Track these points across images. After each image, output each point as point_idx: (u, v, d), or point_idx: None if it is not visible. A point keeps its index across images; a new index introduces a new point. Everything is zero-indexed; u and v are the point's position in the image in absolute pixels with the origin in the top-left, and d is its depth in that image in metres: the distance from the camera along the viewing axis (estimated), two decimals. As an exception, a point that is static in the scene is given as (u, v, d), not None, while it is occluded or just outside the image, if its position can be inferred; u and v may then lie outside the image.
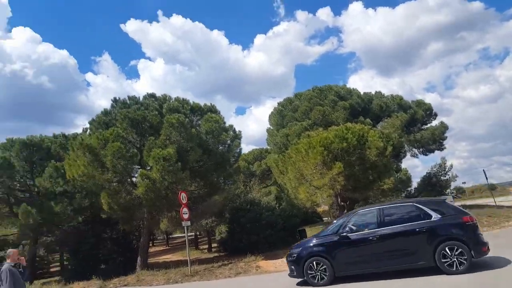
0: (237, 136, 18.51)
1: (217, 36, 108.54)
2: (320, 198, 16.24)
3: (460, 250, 7.63)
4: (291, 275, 9.33)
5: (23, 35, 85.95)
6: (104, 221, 18.89)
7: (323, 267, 8.66)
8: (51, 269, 26.44)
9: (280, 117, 27.14)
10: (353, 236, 8.51)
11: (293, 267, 9.22)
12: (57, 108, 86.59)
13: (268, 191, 26.56)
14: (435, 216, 8.00)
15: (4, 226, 21.06)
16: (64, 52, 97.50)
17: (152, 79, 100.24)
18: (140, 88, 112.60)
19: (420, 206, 8.24)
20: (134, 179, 17.59)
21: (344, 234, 8.62)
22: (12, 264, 7.08)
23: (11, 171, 18.63)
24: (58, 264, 27.29)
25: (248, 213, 19.23)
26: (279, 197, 23.00)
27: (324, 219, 30.06)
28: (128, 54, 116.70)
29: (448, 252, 7.68)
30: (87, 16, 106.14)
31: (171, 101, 17.85)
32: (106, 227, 19.83)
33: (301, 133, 21.31)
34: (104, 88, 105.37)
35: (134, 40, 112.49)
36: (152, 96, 18.19)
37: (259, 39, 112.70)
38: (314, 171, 15.58)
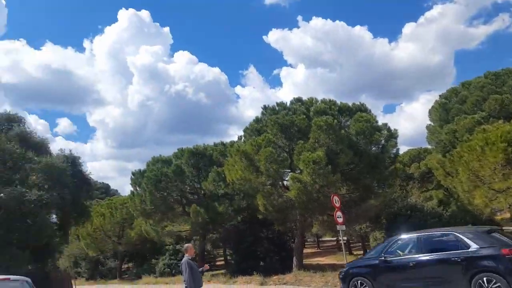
0: (392, 135, 16.93)
1: (360, 32, 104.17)
2: (504, 204, 13.37)
3: (496, 283, 7.35)
4: None
5: (182, 58, 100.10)
6: (261, 221, 19.83)
7: (365, 287, 9.15)
8: (217, 263, 29.39)
9: (443, 111, 23.74)
10: (393, 260, 8.84)
11: (341, 284, 9.89)
12: (212, 120, 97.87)
13: (429, 195, 23.63)
14: (473, 246, 7.84)
15: (178, 223, 24.14)
16: (216, 70, 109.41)
17: (294, 85, 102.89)
18: (283, 95, 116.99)
19: (459, 235, 8.18)
20: (285, 182, 18.01)
21: (385, 258, 8.96)
22: (190, 258, 7.66)
23: (182, 176, 21.42)
24: (222, 258, 30.14)
25: (409, 219, 17.30)
26: (445, 202, 20.07)
27: (505, 228, 24.97)
28: (271, 64, 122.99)
29: (484, 284, 7.46)
30: (233, 34, 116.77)
31: (317, 103, 17.54)
32: (263, 227, 20.80)
33: (473, 127, 18.14)
34: (251, 99, 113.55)
35: (276, 49, 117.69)
36: (298, 100, 18.24)
37: (408, 28, 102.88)
38: (494, 171, 12.94)
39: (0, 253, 14.74)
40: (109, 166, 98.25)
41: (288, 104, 18.08)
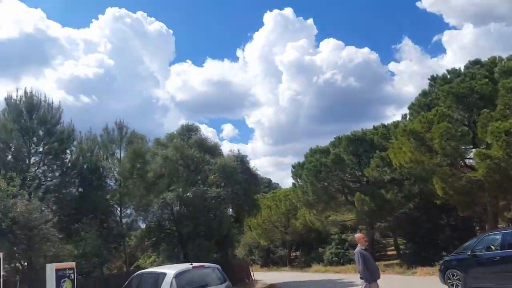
0: None
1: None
2: None
3: None
4: (440, 281, 10.99)
5: (328, 46, 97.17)
6: (438, 207, 17.79)
7: (458, 278, 10.14)
8: (388, 253, 27.84)
9: None
10: (479, 255, 9.75)
11: (440, 274, 11.04)
12: (366, 104, 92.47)
13: None
14: None
15: (342, 212, 23.77)
16: (365, 50, 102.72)
17: (460, 49, 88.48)
18: (448, 63, 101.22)
19: None
20: (467, 160, 15.59)
21: (473, 252, 9.87)
22: (363, 248, 7.37)
23: (342, 165, 20.93)
24: (392, 248, 28.43)
25: None
26: None
27: None
28: (428, 31, 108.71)
29: None
30: (381, 9, 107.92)
31: (503, 62, 14.44)
32: (441, 213, 18.65)
33: None
34: (408, 73, 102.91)
35: (434, 13, 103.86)
36: (476, 63, 15.43)
37: None
38: None
39: (192, 244, 16.99)
40: (267, 162, 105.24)
41: (462, 70, 15.47)
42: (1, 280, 5.67)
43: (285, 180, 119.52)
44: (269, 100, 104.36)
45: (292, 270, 28.63)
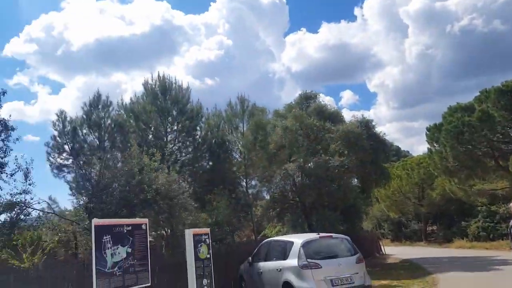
0: None
1: None
2: None
3: None
4: None
5: None
6: None
7: None
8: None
9: None
10: None
11: None
12: None
13: None
14: None
15: (490, 181, 20.53)
16: None
17: None
18: None
19: None
20: None
21: None
22: None
23: (491, 123, 17.55)
24: None
25: None
26: None
27: None
28: None
29: None
30: None
31: None
32: None
33: None
34: None
35: None
36: None
37: None
38: None
39: (315, 214, 16.65)
40: (393, 128, 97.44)
41: None
42: (149, 245, 6.30)
43: (416, 147, 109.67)
44: (393, 59, 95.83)
45: (428, 245, 26.29)
